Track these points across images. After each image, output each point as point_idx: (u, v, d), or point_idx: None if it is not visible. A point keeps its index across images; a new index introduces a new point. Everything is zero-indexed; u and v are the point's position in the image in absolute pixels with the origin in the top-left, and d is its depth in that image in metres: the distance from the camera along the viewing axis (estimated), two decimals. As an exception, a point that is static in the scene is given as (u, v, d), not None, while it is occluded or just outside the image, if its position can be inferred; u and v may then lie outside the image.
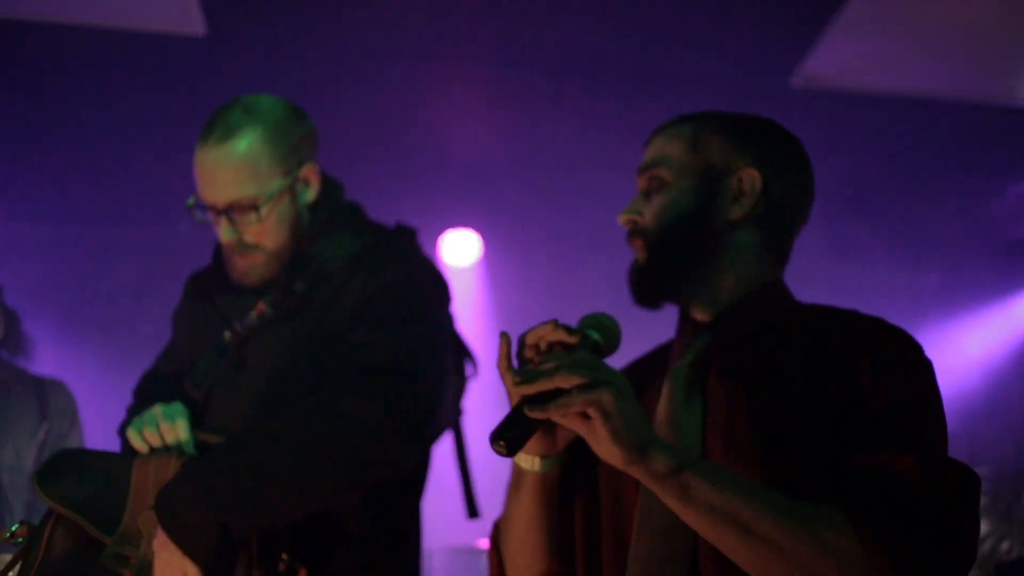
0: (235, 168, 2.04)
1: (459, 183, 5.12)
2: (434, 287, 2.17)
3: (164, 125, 4.33)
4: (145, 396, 2.23)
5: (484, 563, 4.97)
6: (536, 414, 1.33)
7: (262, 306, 2.12)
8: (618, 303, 1.67)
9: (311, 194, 2.16)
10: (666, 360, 1.65)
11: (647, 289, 1.61)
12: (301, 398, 2.00)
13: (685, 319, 1.64)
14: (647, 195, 1.63)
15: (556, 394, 1.33)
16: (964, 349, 5.45)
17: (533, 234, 5.50)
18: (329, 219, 2.17)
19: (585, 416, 1.33)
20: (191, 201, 2.13)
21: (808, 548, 1.30)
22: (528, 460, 1.54)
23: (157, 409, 2.02)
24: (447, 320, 2.22)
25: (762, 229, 1.60)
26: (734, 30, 3.95)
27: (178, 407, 2.02)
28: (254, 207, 2.05)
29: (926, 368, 1.46)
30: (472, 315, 5.74)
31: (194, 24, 3.93)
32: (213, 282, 2.23)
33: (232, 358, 2.14)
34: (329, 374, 2.03)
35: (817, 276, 3.66)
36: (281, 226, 2.11)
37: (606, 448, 1.32)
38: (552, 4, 3.88)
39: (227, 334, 2.14)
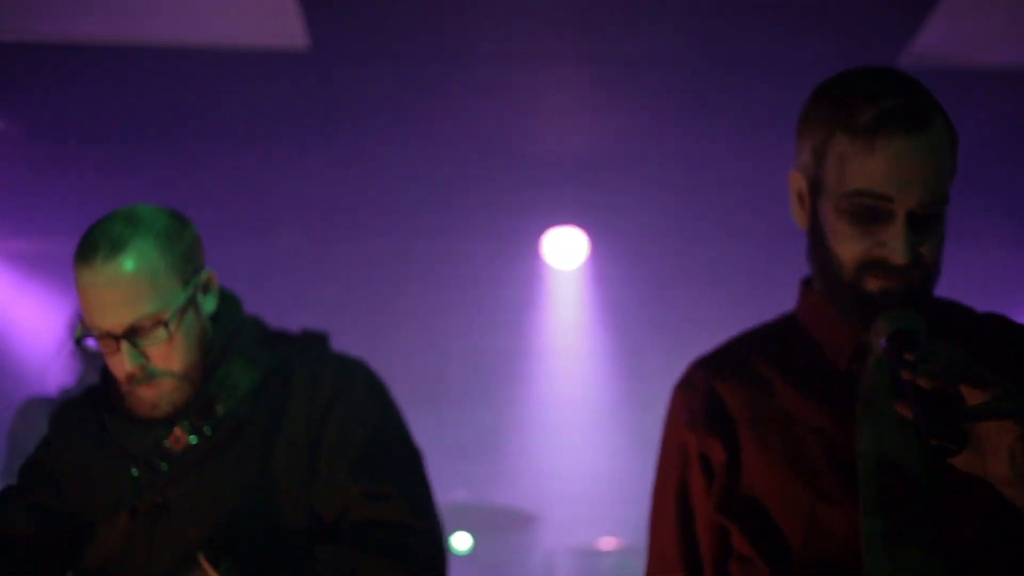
0: (132, 284, 1.81)
1: (565, 181, 5.11)
2: (385, 392, 1.98)
3: (272, 138, 4.42)
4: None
5: (605, 563, 4.95)
6: (971, 420, 1.25)
7: (179, 434, 1.88)
8: (726, 300, 1.63)
9: (212, 303, 1.94)
10: (781, 353, 1.56)
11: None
12: (280, 551, 1.84)
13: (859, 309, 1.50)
14: (917, 223, 1.43)
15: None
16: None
17: (640, 231, 5.45)
18: (234, 330, 1.96)
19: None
20: (79, 333, 1.89)
21: None
22: None
23: None
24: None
25: None
26: (842, 11, 3.88)
27: None
28: (162, 323, 1.82)
29: None
30: (579, 315, 5.73)
31: (297, 38, 3.99)
32: (102, 411, 1.95)
33: (150, 502, 1.87)
34: (336, 529, 1.87)
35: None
36: (190, 343, 1.88)
37: (1016, 464, 1.25)
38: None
39: (134, 471, 1.88)
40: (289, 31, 3.94)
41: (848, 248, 1.45)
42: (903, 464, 1.40)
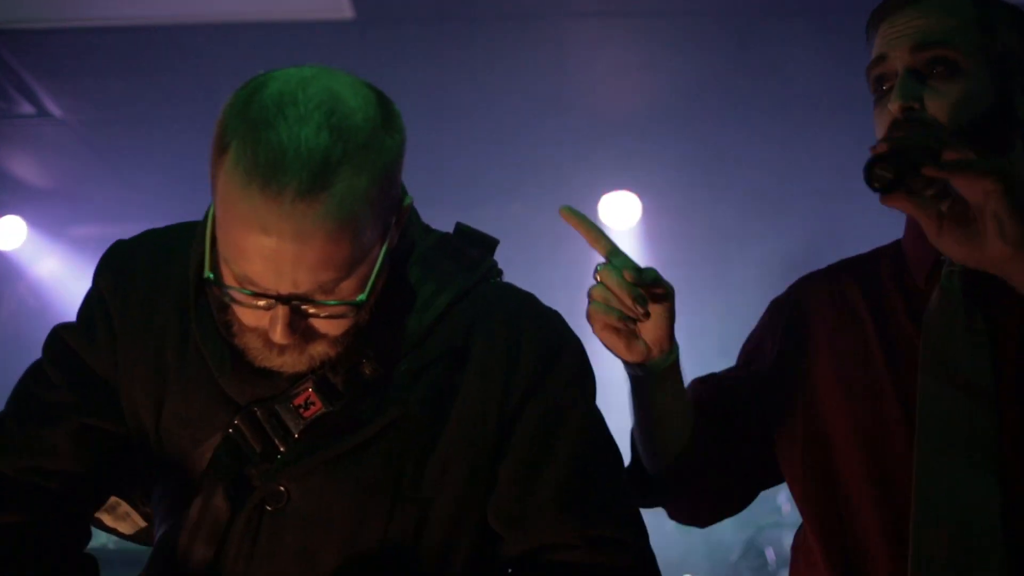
0: (330, 242, 1.20)
1: (617, 146, 5.08)
2: (590, 367, 1.48)
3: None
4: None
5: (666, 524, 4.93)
6: (932, 172, 1.23)
7: (310, 393, 1.34)
8: (775, 259, 1.62)
9: (398, 235, 1.37)
10: (871, 274, 1.55)
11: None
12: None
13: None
14: (921, 78, 1.42)
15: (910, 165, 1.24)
16: None
17: (691, 193, 5.43)
18: (401, 253, 1.42)
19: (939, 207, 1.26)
20: (209, 275, 1.28)
21: None
22: (634, 368, 1.47)
23: None
24: None
25: None
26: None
27: None
28: (353, 304, 1.26)
29: None
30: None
31: (341, 9, 4.00)
32: (193, 324, 1.39)
33: (267, 490, 1.35)
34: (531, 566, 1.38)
35: None
36: (369, 307, 1.32)
37: (1003, 227, 1.22)
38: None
39: (235, 426, 1.36)
40: (333, 2, 3.95)
41: (878, 129, 1.46)
42: (961, 392, 1.37)
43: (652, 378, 1.47)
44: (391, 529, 1.34)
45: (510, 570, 1.42)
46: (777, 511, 5.04)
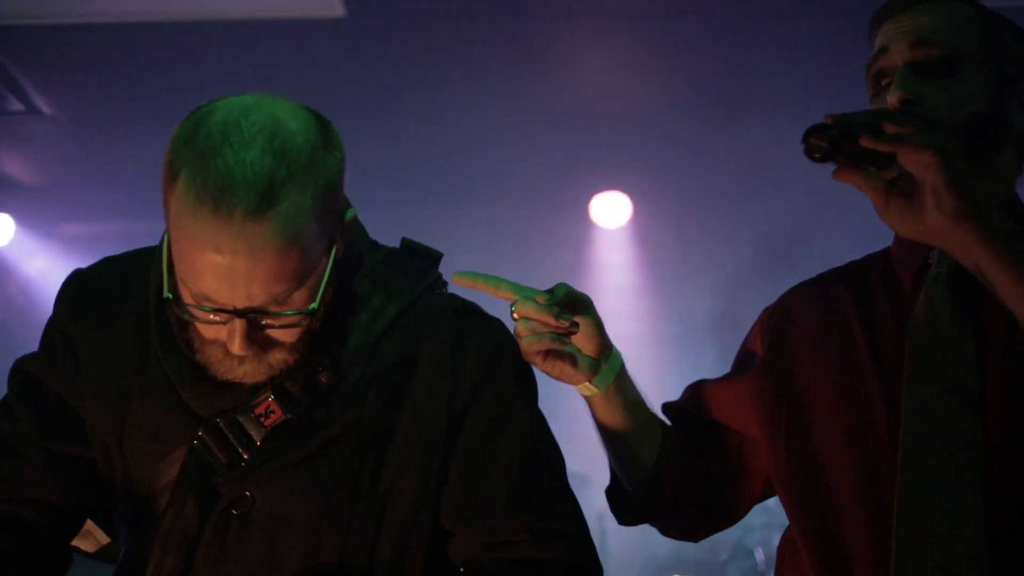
0: (279, 258, 1.28)
1: (608, 146, 5.08)
2: (530, 369, 1.55)
3: (315, 107, 4.42)
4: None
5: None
6: (869, 142, 1.24)
7: (272, 405, 1.41)
8: (765, 261, 1.63)
9: (344, 247, 1.45)
10: (861, 280, 1.56)
11: None
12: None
13: None
14: (920, 73, 1.43)
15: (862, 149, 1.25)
16: None
17: (681, 194, 5.44)
18: (350, 267, 1.50)
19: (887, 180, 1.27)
20: (167, 292, 1.35)
21: None
22: (587, 388, 1.53)
23: None
24: None
25: (1022, 144, 1.49)
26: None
27: None
28: (306, 312, 1.34)
29: None
30: (623, 275, 5.76)
31: (332, 7, 3.99)
32: (157, 348, 1.45)
33: (234, 494, 1.41)
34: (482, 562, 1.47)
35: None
36: (320, 314, 1.40)
37: (940, 200, 1.23)
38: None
39: (197, 439, 1.41)
40: (324, 1, 3.94)
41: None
42: (947, 394, 1.37)
43: (606, 392, 1.53)
44: (352, 529, 1.42)
45: (462, 570, 1.50)
46: (767, 512, 5.05)
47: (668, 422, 1.68)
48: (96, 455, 1.49)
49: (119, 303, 1.50)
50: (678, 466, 1.59)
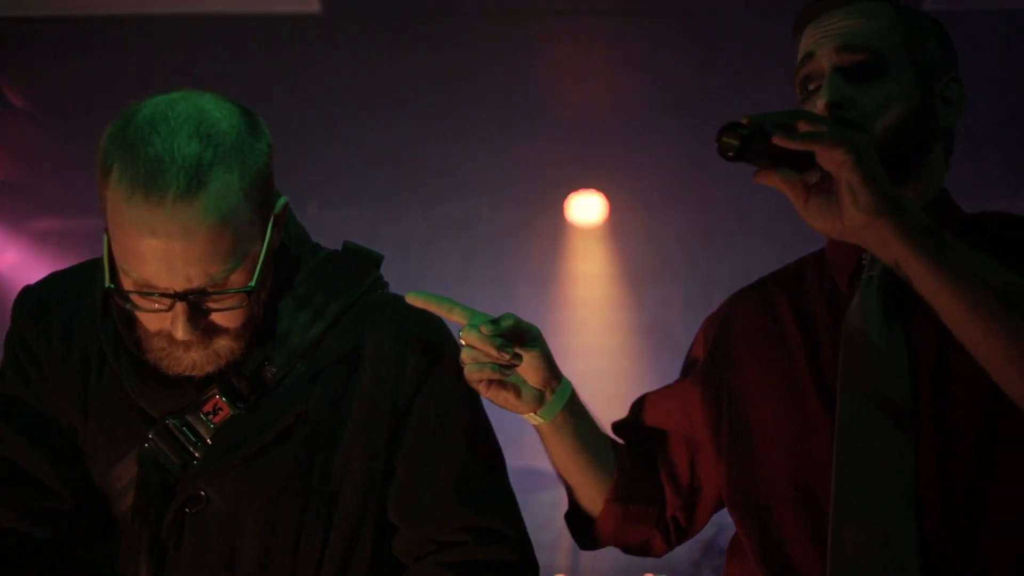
0: (213, 237, 1.33)
1: (585, 145, 5.09)
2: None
3: (289, 104, 4.41)
4: None
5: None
6: (781, 140, 1.25)
7: (219, 403, 1.45)
8: (742, 255, 1.64)
9: (280, 238, 1.50)
10: (797, 282, 1.58)
11: None
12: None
13: None
14: (847, 77, 1.45)
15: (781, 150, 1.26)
16: None
17: (658, 193, 5.45)
18: (291, 268, 1.54)
19: (803, 177, 1.29)
20: (108, 283, 1.39)
21: None
22: (533, 418, 1.55)
23: None
24: None
25: (948, 141, 1.53)
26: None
27: None
28: (244, 291, 1.38)
29: None
30: (599, 274, 5.76)
31: (308, 2, 3.98)
32: (108, 353, 1.49)
33: (187, 493, 1.44)
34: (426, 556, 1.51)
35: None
36: (261, 299, 1.46)
37: (856, 196, 1.24)
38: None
39: (149, 441, 1.45)
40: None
41: None
42: (880, 408, 1.39)
43: (553, 422, 1.54)
44: (305, 524, 1.46)
45: (409, 567, 1.54)
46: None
47: (621, 441, 1.69)
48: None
49: (72, 313, 1.54)
50: (634, 488, 1.61)
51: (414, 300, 1.49)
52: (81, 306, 1.54)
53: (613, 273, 5.77)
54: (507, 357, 1.43)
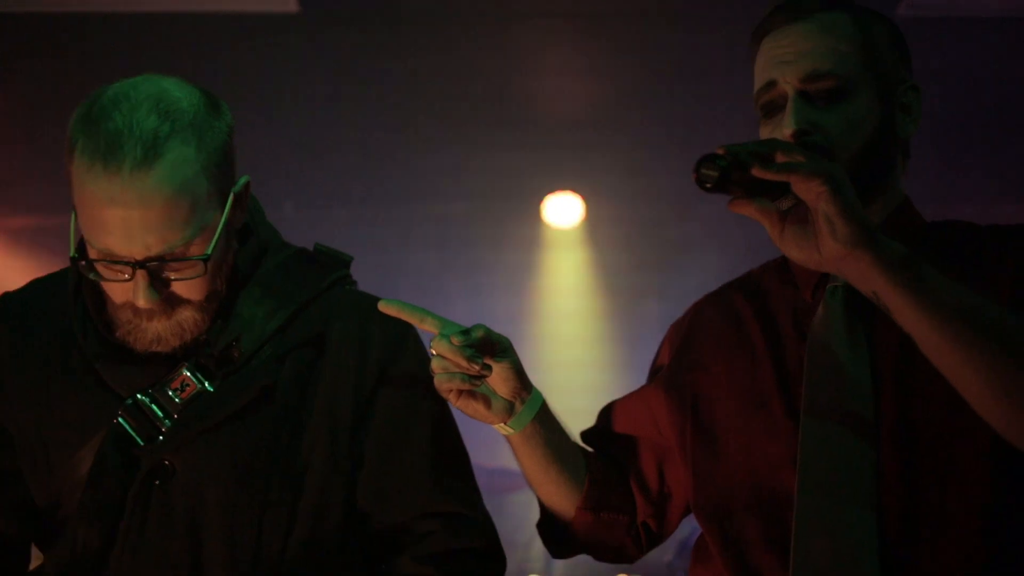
0: (170, 204, 1.38)
1: (561, 147, 5.09)
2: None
3: (265, 103, 4.40)
4: None
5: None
6: (760, 172, 1.25)
7: (186, 379, 1.49)
8: (717, 257, 1.65)
9: (242, 218, 1.55)
10: (761, 289, 1.59)
11: None
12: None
13: None
14: (811, 101, 1.46)
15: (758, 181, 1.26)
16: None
17: (634, 195, 5.46)
18: (259, 253, 1.59)
19: (783, 205, 1.29)
20: (74, 252, 1.45)
21: None
22: (503, 428, 1.56)
23: None
24: None
25: (906, 149, 1.54)
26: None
27: None
28: (201, 258, 1.42)
29: None
30: (576, 276, 5.78)
31: (286, 2, 3.97)
32: (78, 333, 1.53)
33: (152, 463, 1.47)
34: (396, 542, 1.56)
35: (931, 217, 3.55)
36: (220, 272, 1.49)
37: (834, 227, 1.24)
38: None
39: (120, 419, 1.48)
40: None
41: None
42: (843, 422, 1.41)
43: (523, 433, 1.55)
44: (270, 502, 1.48)
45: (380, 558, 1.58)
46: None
47: (590, 450, 1.70)
48: (23, 464, 1.55)
49: (44, 308, 1.59)
50: (605, 496, 1.62)
51: (386, 308, 1.49)
52: (54, 300, 1.58)
53: (590, 274, 5.78)
54: (476, 368, 1.44)
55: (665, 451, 1.63)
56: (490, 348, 1.48)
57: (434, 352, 1.46)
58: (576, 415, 1.72)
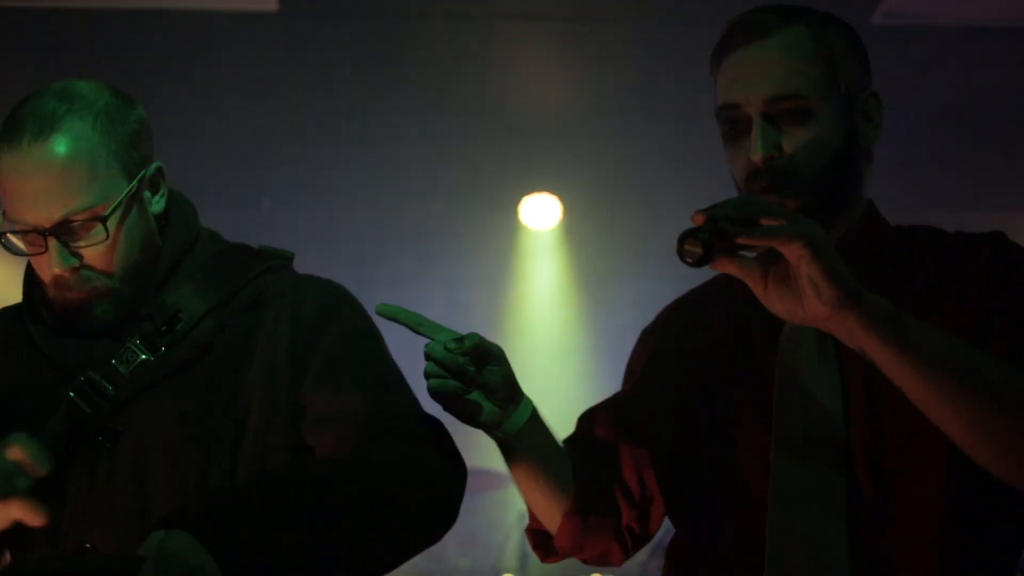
0: (65, 171, 1.52)
1: (539, 148, 5.11)
2: (372, 321, 1.68)
3: (245, 102, 4.39)
4: None
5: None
6: (745, 240, 1.25)
7: (130, 348, 1.59)
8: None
9: (161, 203, 1.66)
10: (729, 296, 1.59)
11: None
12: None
13: None
14: (775, 123, 1.45)
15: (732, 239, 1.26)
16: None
17: (612, 197, 5.47)
18: (187, 240, 1.69)
19: (767, 266, 1.28)
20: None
21: None
22: (494, 435, 1.56)
23: None
24: None
25: (869, 158, 1.54)
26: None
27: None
28: (99, 219, 1.53)
29: None
30: (553, 278, 5.79)
31: (266, 1, 3.97)
32: (27, 321, 1.66)
33: (97, 428, 1.56)
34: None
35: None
36: (132, 245, 1.60)
37: (818, 289, 1.24)
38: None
39: (72, 393, 1.56)
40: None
41: (735, 169, 1.51)
42: (813, 404, 1.44)
43: (515, 437, 1.56)
44: (211, 450, 1.56)
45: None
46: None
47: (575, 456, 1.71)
48: None
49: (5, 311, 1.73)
50: (592, 501, 1.63)
51: (384, 312, 1.53)
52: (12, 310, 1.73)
53: (567, 276, 5.80)
54: (469, 374, 1.47)
55: (643, 456, 1.65)
56: (484, 356, 1.50)
57: (427, 357, 1.48)
58: (556, 420, 1.75)
